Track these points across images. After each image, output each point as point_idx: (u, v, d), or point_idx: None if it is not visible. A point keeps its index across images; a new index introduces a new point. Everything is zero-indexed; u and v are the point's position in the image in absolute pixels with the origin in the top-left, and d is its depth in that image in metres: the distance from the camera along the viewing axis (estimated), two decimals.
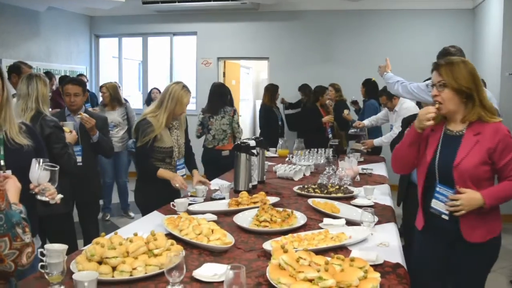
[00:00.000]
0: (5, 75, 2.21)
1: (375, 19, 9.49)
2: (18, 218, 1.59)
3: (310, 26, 9.85)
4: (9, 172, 2.27)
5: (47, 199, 2.30)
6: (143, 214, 3.66)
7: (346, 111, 7.52)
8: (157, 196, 3.76)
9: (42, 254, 1.96)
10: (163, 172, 3.87)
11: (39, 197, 2.28)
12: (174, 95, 3.88)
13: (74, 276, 1.92)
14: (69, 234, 4.11)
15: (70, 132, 4.08)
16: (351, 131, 7.06)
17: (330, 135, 7.48)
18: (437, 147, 2.68)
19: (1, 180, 1.58)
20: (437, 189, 2.65)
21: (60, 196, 2.36)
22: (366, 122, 6.87)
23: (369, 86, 7.65)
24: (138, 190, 4.09)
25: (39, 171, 2.25)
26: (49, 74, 7.87)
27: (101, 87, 6.94)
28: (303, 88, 9.20)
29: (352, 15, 9.58)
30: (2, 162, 2.33)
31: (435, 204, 2.66)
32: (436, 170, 2.66)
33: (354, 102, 8.48)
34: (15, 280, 1.75)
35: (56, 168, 2.34)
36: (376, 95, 7.09)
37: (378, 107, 7.34)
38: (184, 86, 3.97)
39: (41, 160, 2.26)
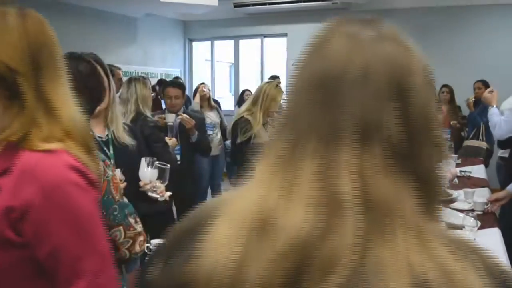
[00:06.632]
0: (111, 76, 2.32)
1: (476, 15, 8.91)
2: (131, 209, 1.69)
3: (404, 24, 9.09)
4: (118, 171, 2.38)
5: (157, 196, 2.40)
6: None
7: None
8: None
9: (149, 249, 2.05)
10: None
11: (149, 193, 2.39)
12: (269, 93, 4.05)
13: None
14: None
15: (170, 139, 4.27)
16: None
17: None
18: None
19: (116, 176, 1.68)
20: None
21: (168, 193, 2.46)
22: None
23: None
24: None
25: (149, 169, 2.36)
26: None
27: (201, 85, 6.62)
28: None
29: (448, 12, 9.11)
30: (113, 161, 2.40)
31: None
32: None
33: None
34: (125, 272, 1.85)
35: (167, 167, 2.43)
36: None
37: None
38: (277, 85, 4.16)
39: (151, 159, 2.36)
